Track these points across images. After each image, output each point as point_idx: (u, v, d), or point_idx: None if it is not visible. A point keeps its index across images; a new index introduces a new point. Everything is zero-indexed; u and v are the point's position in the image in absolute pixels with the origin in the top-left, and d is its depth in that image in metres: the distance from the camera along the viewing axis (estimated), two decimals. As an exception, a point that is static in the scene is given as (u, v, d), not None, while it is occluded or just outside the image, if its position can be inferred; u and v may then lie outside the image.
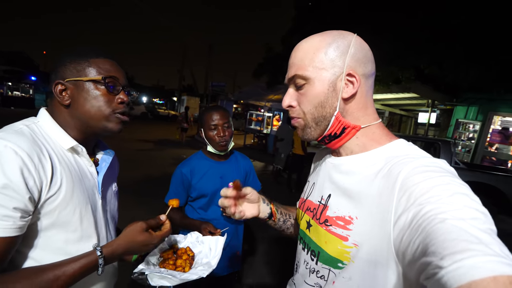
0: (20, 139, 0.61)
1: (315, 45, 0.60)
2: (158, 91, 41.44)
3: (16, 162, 0.57)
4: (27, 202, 0.59)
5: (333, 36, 0.60)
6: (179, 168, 1.44)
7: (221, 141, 1.38)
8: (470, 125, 8.10)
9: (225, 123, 1.39)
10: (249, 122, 13.63)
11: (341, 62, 0.58)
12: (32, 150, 0.61)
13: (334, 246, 0.58)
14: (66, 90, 0.73)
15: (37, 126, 0.71)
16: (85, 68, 0.73)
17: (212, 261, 0.91)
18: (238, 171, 1.52)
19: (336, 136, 0.63)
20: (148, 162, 6.94)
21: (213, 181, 1.42)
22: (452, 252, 0.34)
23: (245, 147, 11.57)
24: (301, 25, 8.24)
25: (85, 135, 0.78)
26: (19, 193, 0.57)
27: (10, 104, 17.13)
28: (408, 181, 0.47)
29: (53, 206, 0.65)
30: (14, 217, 0.57)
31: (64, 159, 0.71)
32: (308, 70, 0.60)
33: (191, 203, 1.47)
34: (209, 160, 1.47)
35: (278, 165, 6.38)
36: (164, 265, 0.86)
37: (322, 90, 0.60)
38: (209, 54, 20.60)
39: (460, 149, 8.11)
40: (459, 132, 8.20)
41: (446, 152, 4.61)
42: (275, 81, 10.27)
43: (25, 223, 0.60)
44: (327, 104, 0.60)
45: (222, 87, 12.14)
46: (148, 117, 22.99)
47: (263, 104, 11.39)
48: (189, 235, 1.03)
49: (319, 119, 0.62)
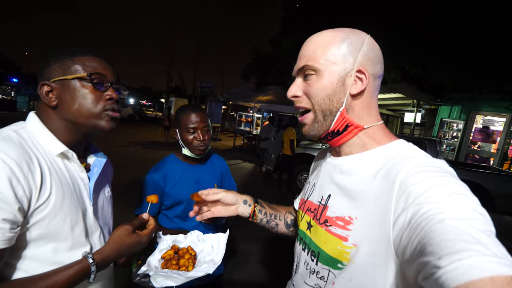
0: (8, 147, 0.59)
1: (327, 39, 0.60)
2: (146, 92, 40.94)
3: (4, 171, 0.56)
4: (16, 213, 0.57)
5: (346, 33, 0.60)
6: (150, 174, 1.29)
7: (200, 145, 1.27)
8: (454, 124, 8.37)
9: (205, 126, 1.28)
10: (238, 123, 13.60)
11: (353, 59, 0.59)
12: (21, 157, 0.60)
13: (334, 246, 0.58)
14: (52, 91, 0.71)
15: (25, 131, 0.69)
16: (70, 67, 0.71)
17: (216, 258, 0.90)
18: (214, 174, 1.43)
19: (338, 133, 0.63)
20: (135, 165, 6.78)
21: (188, 186, 1.30)
22: (450, 252, 0.34)
23: (234, 149, 11.51)
24: (290, 27, 8.27)
25: (75, 137, 0.75)
26: (8, 204, 0.56)
27: (-11, 107, 16.45)
28: (406, 181, 0.47)
29: (42, 215, 0.63)
30: (3, 229, 0.56)
31: (54, 166, 0.69)
32: (319, 62, 0.60)
33: (165, 212, 1.33)
34: (183, 163, 1.34)
35: (268, 166, 6.37)
36: (167, 266, 0.85)
37: (330, 83, 0.59)
38: (196, 54, 20.44)
39: (445, 147, 8.37)
40: (443, 131, 8.45)
41: (432, 150, 4.73)
42: (264, 82, 10.28)
43: (14, 235, 0.59)
44: (334, 98, 0.60)
45: (211, 88, 12.07)
46: (136, 119, 22.59)
47: (252, 105, 11.39)
48: (189, 234, 1.02)
49: (326, 113, 0.61)
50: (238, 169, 7.96)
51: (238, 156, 9.89)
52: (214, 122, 13.17)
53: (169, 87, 31.17)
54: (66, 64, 0.71)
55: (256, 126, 12.32)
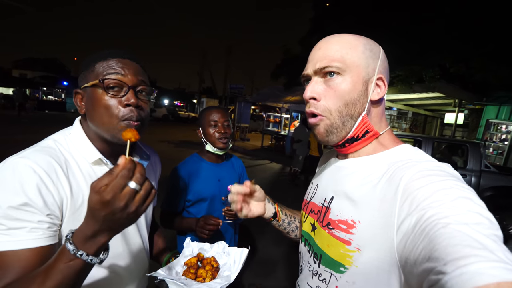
0: (40, 157, 0.62)
1: (351, 41, 0.59)
2: (179, 93, 42.71)
3: (34, 180, 0.59)
4: (48, 218, 0.60)
5: (366, 39, 0.61)
6: (175, 171, 1.37)
7: (221, 137, 1.33)
8: (502, 126, 7.60)
9: (225, 121, 1.36)
10: (266, 124, 13.66)
11: (374, 65, 0.59)
12: (51, 167, 0.62)
13: (337, 249, 0.58)
14: (82, 99, 0.72)
15: (66, 139, 0.72)
16: (90, 73, 0.69)
17: (232, 276, 0.86)
18: (234, 173, 1.50)
19: (357, 139, 0.61)
20: (168, 163, 7.15)
21: (211, 184, 1.37)
22: (456, 257, 0.33)
23: (262, 149, 11.59)
24: (320, 27, 8.15)
25: (106, 145, 0.74)
26: (39, 210, 0.59)
27: (44, 108, 18.72)
28: (410, 186, 0.47)
29: (79, 222, 0.54)
30: (42, 228, 0.59)
31: (90, 173, 0.70)
32: (344, 63, 0.57)
33: (189, 208, 1.39)
34: (206, 162, 1.42)
35: (295, 167, 6.34)
36: (186, 273, 0.85)
37: (355, 87, 0.58)
38: (227, 56, 20.87)
39: (492, 151, 7.63)
40: (490, 133, 7.72)
41: (475, 154, 4.35)
42: (292, 82, 10.20)
43: (56, 232, 0.62)
44: (358, 103, 0.58)
45: (241, 89, 12.23)
46: (169, 119, 23.68)
47: (281, 106, 11.36)
48: (216, 244, 1.01)
49: (346, 118, 0.59)
50: (266, 169, 7.99)
51: (265, 156, 9.93)
52: (243, 122, 13.40)
53: (201, 88, 32.24)
54: (88, 71, 0.70)
55: (284, 126, 12.29)
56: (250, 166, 8.02)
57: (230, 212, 1.28)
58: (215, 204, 1.38)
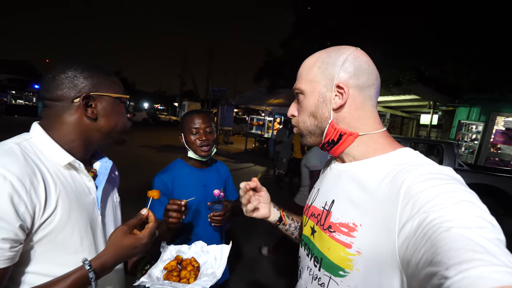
0: (9, 161, 0.57)
1: (313, 60, 0.66)
2: (160, 97, 41.74)
3: (5, 188, 0.54)
4: (18, 231, 0.56)
5: (328, 52, 0.65)
6: (158, 176, 1.30)
7: (202, 144, 1.28)
8: (473, 126, 8.04)
9: (207, 127, 1.31)
10: (250, 127, 13.63)
11: (332, 75, 0.62)
12: (24, 172, 0.58)
13: (337, 253, 0.58)
14: (93, 103, 0.74)
15: (29, 143, 0.66)
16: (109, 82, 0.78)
17: (217, 271, 0.88)
18: (219, 179, 1.44)
19: (334, 142, 0.65)
20: (149, 169, 6.94)
21: (196, 189, 1.31)
22: (458, 262, 0.33)
23: (246, 152, 11.56)
24: (301, 30, 8.27)
25: (89, 147, 0.77)
26: (8, 222, 0.54)
27: (14, 113, 17.38)
28: (412, 189, 0.47)
29: (49, 230, 0.62)
30: (2, 249, 0.54)
31: (60, 177, 0.67)
32: (303, 83, 0.67)
33: None
34: (190, 167, 1.36)
35: (280, 170, 6.36)
36: (169, 277, 0.83)
37: (313, 101, 0.65)
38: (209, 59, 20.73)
39: (464, 150, 8.05)
40: (462, 133, 8.14)
41: (449, 153, 4.58)
42: (275, 85, 10.28)
43: (16, 253, 0.57)
44: (317, 114, 0.65)
45: (223, 92, 12.13)
46: (150, 123, 23.13)
47: (264, 109, 11.40)
48: (194, 245, 0.99)
49: (311, 128, 0.67)
50: (249, 172, 7.98)
51: (249, 159, 9.92)
52: (226, 126, 13.29)
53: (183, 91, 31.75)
54: (107, 80, 0.77)
55: (267, 129, 12.33)
56: (234, 169, 7.95)
57: (216, 218, 1.24)
58: (200, 210, 1.32)
